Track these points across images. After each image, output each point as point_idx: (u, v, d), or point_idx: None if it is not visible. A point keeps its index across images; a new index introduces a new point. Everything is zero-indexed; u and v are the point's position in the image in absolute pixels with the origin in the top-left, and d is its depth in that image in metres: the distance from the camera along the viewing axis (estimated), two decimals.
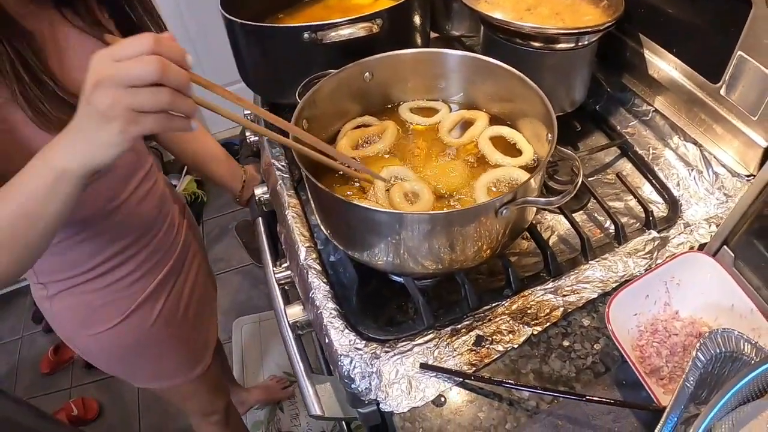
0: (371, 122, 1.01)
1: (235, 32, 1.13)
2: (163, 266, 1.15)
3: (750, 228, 0.81)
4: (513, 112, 0.98)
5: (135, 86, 0.56)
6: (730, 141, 1.02)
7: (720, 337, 0.69)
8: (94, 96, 0.57)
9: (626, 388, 0.79)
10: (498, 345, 0.82)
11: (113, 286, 1.07)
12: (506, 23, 1.02)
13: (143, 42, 0.56)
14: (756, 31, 0.90)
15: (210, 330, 1.38)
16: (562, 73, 1.09)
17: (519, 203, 0.75)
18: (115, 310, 1.10)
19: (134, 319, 1.12)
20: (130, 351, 1.17)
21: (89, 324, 1.10)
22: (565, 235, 1.00)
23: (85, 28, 0.88)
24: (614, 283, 0.89)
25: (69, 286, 1.04)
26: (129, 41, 0.57)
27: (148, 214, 1.07)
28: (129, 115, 0.57)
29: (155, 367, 1.26)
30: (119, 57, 0.56)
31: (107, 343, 1.13)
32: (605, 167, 1.12)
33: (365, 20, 1.02)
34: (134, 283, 1.09)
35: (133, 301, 1.11)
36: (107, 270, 1.04)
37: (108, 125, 0.58)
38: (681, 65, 1.06)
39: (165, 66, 0.56)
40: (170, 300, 1.18)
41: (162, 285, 1.15)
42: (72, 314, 1.09)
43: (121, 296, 1.09)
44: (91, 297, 1.06)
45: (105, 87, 0.56)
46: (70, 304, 1.07)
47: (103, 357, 1.18)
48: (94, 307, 1.08)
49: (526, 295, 0.88)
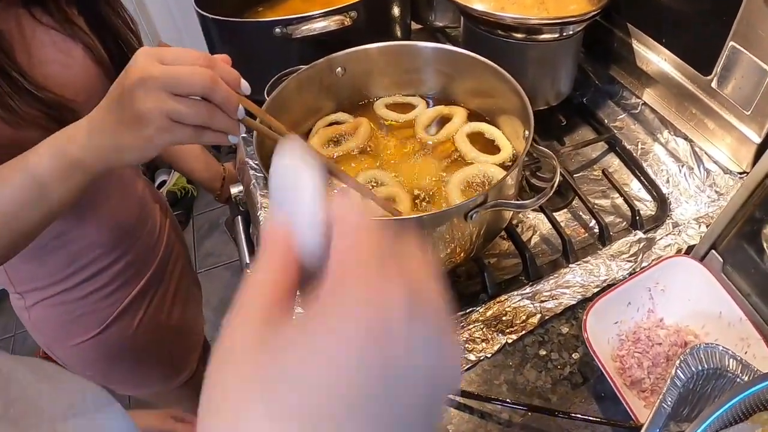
0: (344, 119, 0.97)
1: (208, 28, 1.09)
2: (144, 273, 1.11)
3: (740, 231, 0.77)
4: (493, 107, 0.94)
5: (179, 95, 0.54)
6: (722, 136, 0.97)
7: (703, 352, 0.66)
8: (135, 95, 0.53)
9: (605, 401, 0.75)
10: (470, 354, 0.79)
11: (92, 296, 1.04)
12: (486, 14, 0.97)
13: (197, 54, 0.55)
14: (749, 20, 0.85)
15: (194, 334, 1.35)
16: (546, 64, 1.04)
17: (490, 206, 0.71)
18: (94, 319, 1.06)
19: (114, 328, 1.08)
20: (111, 360, 1.14)
21: (68, 334, 1.07)
22: (548, 235, 0.95)
23: (54, 26, 0.85)
24: (596, 288, 0.84)
25: (46, 296, 1.01)
26: (182, 50, 0.55)
27: (125, 221, 1.04)
28: (164, 123, 0.55)
29: (138, 375, 1.23)
30: (168, 61, 0.54)
31: (87, 354, 1.10)
32: (592, 163, 1.07)
33: (337, 13, 0.98)
34: (114, 292, 1.06)
35: (113, 311, 1.07)
36: (85, 278, 1.01)
37: (141, 128, 0.55)
38: (671, 56, 1.01)
39: (217, 82, 0.54)
40: (152, 307, 1.15)
41: (143, 292, 1.12)
42: (50, 325, 1.06)
43: (100, 306, 1.06)
44: (70, 307, 1.03)
45: (149, 88, 0.53)
46: (48, 315, 1.04)
47: (83, 367, 1.15)
48: (73, 317, 1.05)
49: (502, 300, 0.84)
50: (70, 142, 0.60)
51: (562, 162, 1.05)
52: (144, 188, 1.12)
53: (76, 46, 0.87)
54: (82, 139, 0.59)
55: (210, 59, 0.56)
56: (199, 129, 0.57)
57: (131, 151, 0.58)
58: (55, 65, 0.83)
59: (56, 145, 0.61)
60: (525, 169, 1.01)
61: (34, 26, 0.83)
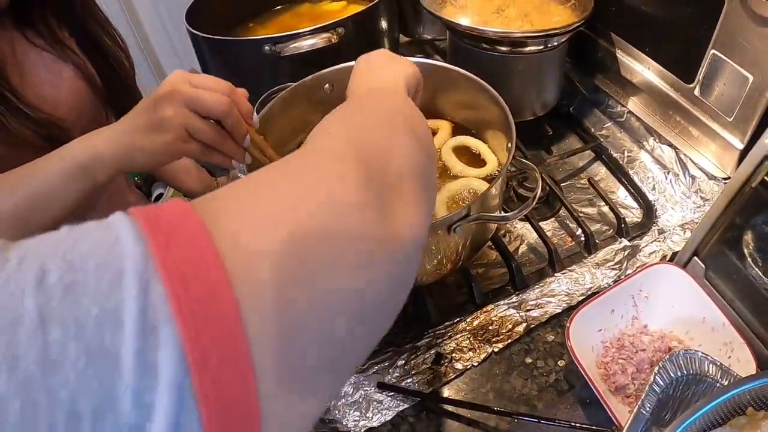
0: None
1: (199, 45, 1.11)
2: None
3: (721, 238, 0.78)
4: (478, 120, 0.95)
5: (198, 113, 0.61)
6: (707, 143, 0.98)
7: (682, 359, 0.67)
8: (161, 103, 0.60)
9: (590, 407, 0.76)
10: (457, 363, 0.80)
11: None
12: (470, 29, 0.99)
13: (222, 83, 0.63)
14: (729, 28, 0.87)
15: None
16: (531, 76, 1.06)
17: (473, 219, 0.73)
18: None
19: None
20: None
21: None
22: (535, 245, 0.97)
23: (45, 47, 0.88)
24: (581, 296, 0.86)
25: None
26: (211, 77, 0.62)
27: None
28: (181, 133, 0.61)
29: None
30: (196, 84, 0.61)
31: None
32: (579, 171, 1.09)
33: (325, 30, 1.00)
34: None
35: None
36: None
37: (159, 134, 0.61)
38: (654, 65, 1.03)
39: (231, 108, 0.62)
40: None
41: None
42: None
43: None
44: None
45: (174, 100, 0.60)
46: None
47: None
48: None
49: (488, 310, 0.85)
50: (97, 136, 0.64)
51: (550, 171, 1.07)
52: (137, 203, 1.13)
53: (66, 67, 0.89)
54: (108, 135, 0.64)
55: (231, 89, 0.63)
56: (209, 148, 0.64)
57: (145, 155, 0.63)
58: (47, 86, 0.86)
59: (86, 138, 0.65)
60: (512, 179, 1.03)
61: (26, 48, 0.86)
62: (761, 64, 0.83)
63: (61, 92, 0.87)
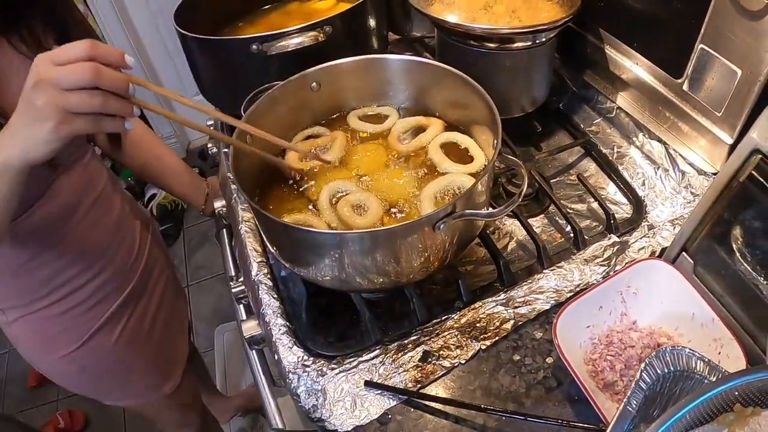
0: (321, 132, 0.98)
1: (188, 45, 1.11)
2: (121, 291, 1.12)
3: (709, 233, 0.78)
4: (466, 117, 0.94)
5: (70, 89, 0.60)
6: (696, 138, 0.98)
7: (669, 355, 0.66)
8: (32, 95, 0.60)
9: (579, 404, 0.75)
10: (444, 361, 0.80)
11: (70, 313, 1.05)
12: (458, 26, 0.98)
13: (80, 47, 0.60)
14: (717, 22, 0.86)
15: (179, 348, 1.36)
16: (520, 72, 1.06)
17: (457, 216, 0.72)
18: (73, 335, 1.08)
19: (92, 343, 1.10)
20: (92, 373, 1.16)
21: (49, 349, 1.09)
22: (524, 241, 0.96)
23: (29, 54, 0.86)
24: (569, 292, 0.85)
25: (26, 312, 1.03)
26: (68, 46, 0.61)
27: (100, 240, 1.05)
28: (62, 116, 0.61)
29: (121, 386, 1.24)
30: (58, 61, 0.60)
31: (69, 367, 1.12)
32: (568, 168, 1.08)
33: (312, 29, 0.99)
34: (90, 309, 1.08)
35: (90, 327, 1.09)
36: (63, 296, 1.03)
37: (42, 123, 0.61)
38: (642, 60, 1.02)
39: (98, 71, 0.60)
40: (132, 323, 1.16)
41: (122, 309, 1.13)
42: (32, 339, 1.09)
43: (78, 322, 1.08)
44: (49, 323, 1.05)
45: (42, 88, 0.60)
46: (29, 330, 1.06)
47: (66, 379, 1.18)
48: (53, 333, 1.07)
49: (476, 307, 0.85)
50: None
51: (539, 168, 1.06)
52: (123, 205, 1.13)
53: None
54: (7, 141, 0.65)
55: (92, 47, 0.60)
56: (96, 117, 0.63)
57: (39, 145, 0.63)
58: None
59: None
60: (501, 176, 1.03)
61: (11, 55, 0.85)
62: (749, 58, 0.83)
63: None
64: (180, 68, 2.76)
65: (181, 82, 2.85)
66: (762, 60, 0.81)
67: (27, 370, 2.39)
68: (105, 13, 2.49)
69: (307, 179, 0.92)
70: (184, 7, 1.15)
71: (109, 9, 2.48)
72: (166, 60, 2.76)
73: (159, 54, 2.73)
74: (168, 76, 2.82)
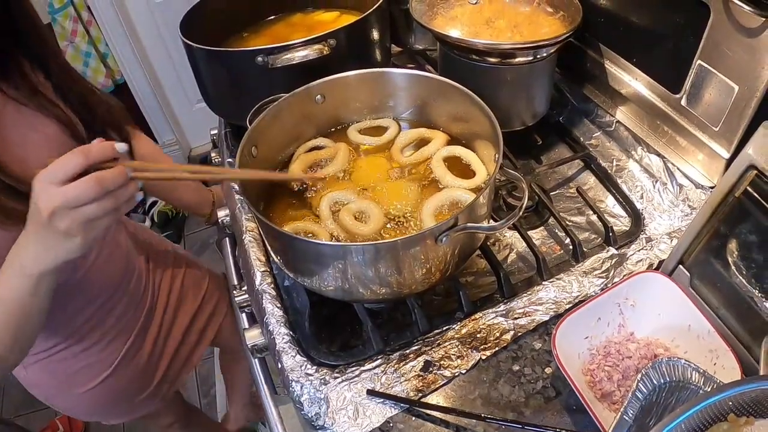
0: (325, 144, 1.00)
1: (193, 55, 1.13)
2: (138, 318, 1.14)
3: (706, 246, 0.79)
4: (467, 130, 0.96)
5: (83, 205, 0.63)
6: (694, 152, 0.99)
7: (665, 366, 0.68)
8: (53, 223, 0.63)
9: (577, 413, 0.77)
10: (445, 371, 0.81)
11: (93, 348, 1.07)
12: (460, 40, 1.00)
13: (74, 162, 0.62)
14: (715, 39, 0.88)
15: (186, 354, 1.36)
16: (521, 86, 1.07)
17: (459, 229, 0.74)
18: (96, 369, 1.10)
19: (118, 373, 1.12)
20: (115, 400, 1.17)
21: (70, 386, 1.10)
22: (524, 253, 0.98)
23: (23, 101, 0.86)
24: (568, 304, 0.87)
25: (47, 355, 1.04)
26: (62, 163, 0.63)
27: (115, 272, 1.06)
28: (86, 227, 0.65)
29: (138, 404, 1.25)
30: (59, 180, 0.62)
31: (91, 400, 1.13)
32: (568, 180, 1.10)
33: (317, 42, 1.01)
34: (112, 341, 1.09)
35: (114, 359, 1.11)
36: (85, 334, 1.04)
37: (71, 240, 0.66)
38: (641, 75, 1.04)
39: (101, 183, 0.63)
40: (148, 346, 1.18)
41: (140, 334, 1.15)
42: (50, 381, 1.09)
43: (101, 357, 1.09)
44: (71, 362, 1.06)
45: (60, 214, 0.63)
46: (48, 372, 1.07)
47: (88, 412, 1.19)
48: (74, 370, 1.07)
49: (476, 318, 0.86)
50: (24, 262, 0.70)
51: (539, 180, 1.08)
52: (126, 238, 1.14)
53: (50, 122, 0.88)
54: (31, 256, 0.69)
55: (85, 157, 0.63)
56: (112, 212, 0.66)
57: (73, 252, 0.68)
58: (30, 146, 0.84)
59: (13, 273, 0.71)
60: (501, 189, 1.04)
61: (3, 103, 0.83)
62: (746, 74, 0.84)
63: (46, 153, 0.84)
64: (183, 76, 2.78)
65: (183, 91, 2.87)
66: (759, 76, 0.82)
67: None
68: (109, 21, 2.51)
69: (311, 190, 0.93)
70: (189, 17, 1.17)
71: (113, 18, 2.50)
72: (169, 68, 2.78)
73: (162, 62, 2.75)
74: (171, 84, 2.85)
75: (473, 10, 1.09)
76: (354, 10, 1.28)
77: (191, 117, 3.00)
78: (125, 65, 2.67)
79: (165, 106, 2.91)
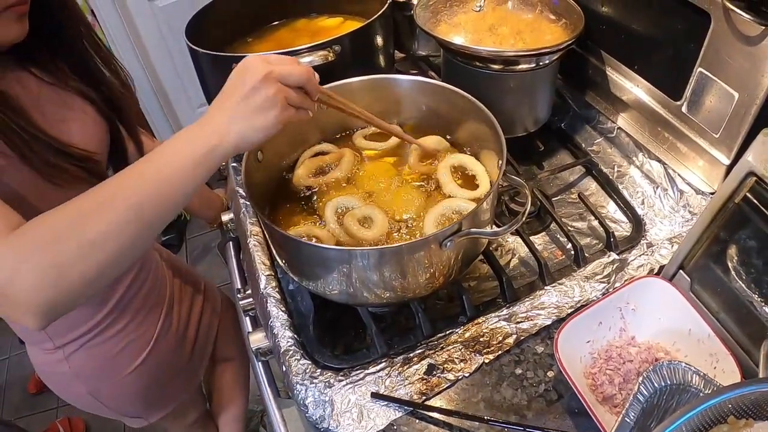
0: (329, 149, 1.01)
1: (199, 60, 1.14)
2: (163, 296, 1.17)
3: (706, 252, 0.80)
4: (472, 137, 0.97)
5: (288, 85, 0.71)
6: (694, 159, 1.01)
7: (666, 369, 0.68)
8: (263, 86, 0.68)
9: (579, 416, 0.78)
10: (449, 374, 0.82)
11: (127, 328, 1.08)
12: (463, 47, 1.01)
13: (292, 58, 0.74)
14: (716, 46, 0.89)
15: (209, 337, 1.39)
16: (523, 93, 1.08)
17: (463, 234, 0.75)
18: (135, 348, 1.11)
19: (157, 350, 1.14)
20: (156, 384, 1.19)
21: (114, 370, 1.11)
22: (526, 258, 0.99)
23: (57, 83, 0.89)
24: (570, 308, 0.88)
25: (86, 340, 1.04)
26: (279, 56, 0.73)
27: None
28: (284, 104, 0.71)
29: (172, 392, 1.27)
30: (274, 62, 0.70)
31: (135, 383, 1.14)
32: (569, 186, 1.11)
33: (322, 48, 1.02)
34: (146, 318, 1.11)
35: (150, 336, 1.13)
36: (120, 313, 1.06)
37: (269, 111, 0.70)
38: (642, 82, 1.05)
39: (311, 77, 0.74)
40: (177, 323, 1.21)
41: (168, 313, 1.18)
42: (94, 366, 1.09)
43: (137, 335, 1.11)
44: (110, 344, 1.07)
45: (272, 80, 0.69)
46: (90, 357, 1.07)
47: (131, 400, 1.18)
48: (115, 352, 1.09)
49: (479, 322, 0.87)
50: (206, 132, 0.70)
51: (541, 186, 1.09)
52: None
53: (83, 103, 0.91)
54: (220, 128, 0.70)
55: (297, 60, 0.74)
56: (297, 110, 0.74)
57: (261, 131, 0.71)
58: (73, 122, 0.88)
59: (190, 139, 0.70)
60: (504, 194, 1.05)
61: (38, 86, 0.86)
62: (746, 82, 0.86)
63: (87, 128, 0.90)
64: (185, 80, 2.79)
65: (186, 94, 2.88)
66: (759, 84, 0.84)
67: (27, 377, 2.41)
68: (113, 25, 2.52)
69: (316, 195, 0.94)
70: (195, 22, 1.18)
71: (117, 21, 2.51)
72: (172, 72, 2.79)
73: (165, 66, 2.76)
74: (173, 88, 2.86)
75: (477, 17, 1.10)
76: (358, 16, 1.29)
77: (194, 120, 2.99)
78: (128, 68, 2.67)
79: (168, 110, 2.92)
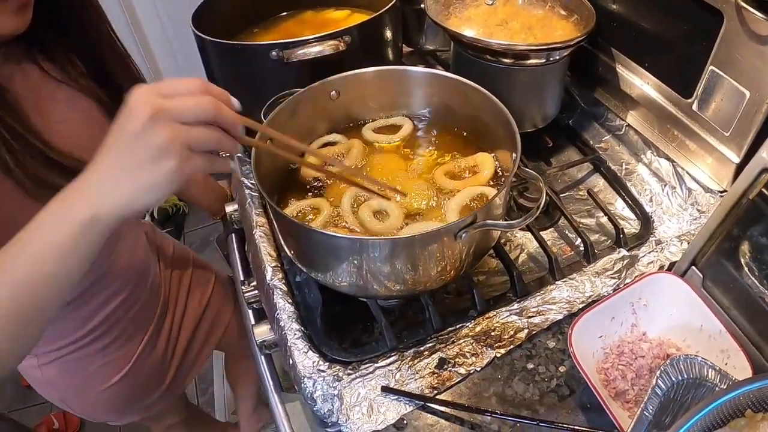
0: (338, 140, 1.00)
1: (205, 49, 1.12)
2: (154, 311, 1.14)
3: (718, 248, 0.80)
4: (481, 129, 0.96)
5: (189, 123, 0.54)
6: (703, 157, 1.00)
7: (683, 363, 0.68)
8: (149, 131, 0.52)
9: (591, 412, 0.77)
10: (460, 368, 0.81)
11: (113, 345, 1.05)
12: (475, 40, 1.01)
13: (193, 82, 0.55)
14: (728, 45, 0.89)
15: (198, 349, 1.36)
16: (533, 88, 1.08)
17: (478, 226, 0.74)
18: (114, 368, 1.08)
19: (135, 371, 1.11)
20: (131, 399, 1.16)
21: (86, 386, 1.08)
22: (535, 253, 0.98)
23: (64, 79, 0.84)
24: (581, 304, 0.87)
25: (66, 353, 1.01)
26: (178, 81, 0.55)
27: (139, 265, 1.05)
28: (184, 153, 0.54)
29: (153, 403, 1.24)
30: (169, 93, 0.53)
31: (108, 399, 1.12)
32: (578, 183, 1.11)
33: (333, 38, 1.01)
34: (132, 336, 1.08)
35: (132, 354, 1.09)
36: (106, 329, 1.02)
37: (162, 162, 0.53)
38: (653, 80, 1.05)
39: (218, 106, 0.55)
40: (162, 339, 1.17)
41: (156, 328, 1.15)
42: (67, 380, 1.06)
43: (120, 353, 1.08)
44: (87, 361, 1.04)
45: (162, 121, 0.52)
46: (64, 371, 1.04)
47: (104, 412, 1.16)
48: (91, 370, 1.05)
49: (490, 316, 0.87)
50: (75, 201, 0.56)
51: (549, 182, 1.09)
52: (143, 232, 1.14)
53: (89, 102, 0.86)
54: (90, 193, 0.56)
55: (205, 84, 0.56)
56: (211, 156, 0.57)
57: (152, 192, 0.55)
58: (74, 123, 0.82)
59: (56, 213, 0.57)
60: (512, 189, 1.05)
61: (43, 81, 0.80)
62: (758, 80, 0.86)
63: (89, 132, 0.83)
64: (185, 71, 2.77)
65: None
66: None
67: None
68: (114, 15, 2.49)
69: (324, 186, 0.93)
70: (201, 11, 1.17)
71: (118, 11, 2.49)
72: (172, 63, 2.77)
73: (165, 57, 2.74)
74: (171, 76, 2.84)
75: (487, 11, 1.10)
76: (365, 9, 1.28)
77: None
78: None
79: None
